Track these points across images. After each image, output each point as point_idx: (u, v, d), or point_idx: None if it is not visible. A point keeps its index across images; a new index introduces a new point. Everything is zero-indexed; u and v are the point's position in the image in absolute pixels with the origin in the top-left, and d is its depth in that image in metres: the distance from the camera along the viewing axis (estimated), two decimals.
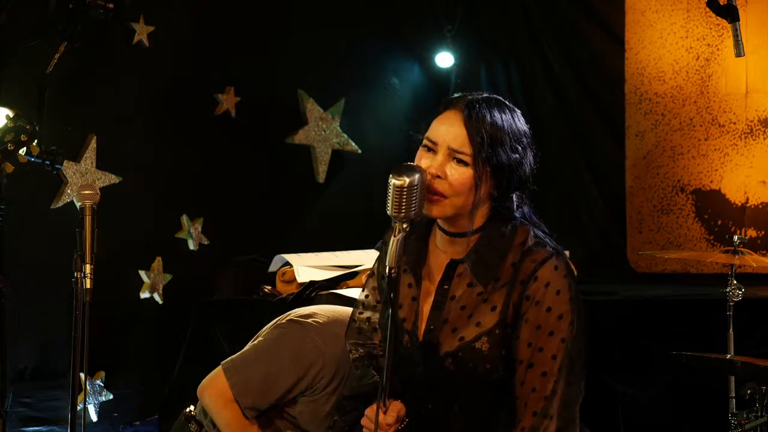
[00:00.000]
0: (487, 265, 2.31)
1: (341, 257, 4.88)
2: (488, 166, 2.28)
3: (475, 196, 2.28)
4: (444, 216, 2.34)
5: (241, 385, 3.11)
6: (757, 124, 5.53)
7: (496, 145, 2.28)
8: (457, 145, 2.29)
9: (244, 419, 3.13)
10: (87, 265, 2.76)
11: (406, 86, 6.21)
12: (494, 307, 2.29)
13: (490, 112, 2.31)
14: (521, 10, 6.20)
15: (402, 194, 2.24)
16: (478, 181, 2.27)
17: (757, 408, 3.73)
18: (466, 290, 2.33)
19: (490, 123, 2.29)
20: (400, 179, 2.24)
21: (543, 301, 2.26)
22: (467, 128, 2.28)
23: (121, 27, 4.81)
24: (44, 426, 4.65)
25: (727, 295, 3.94)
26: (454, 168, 2.29)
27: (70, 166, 4.68)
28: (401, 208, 2.25)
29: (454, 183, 2.28)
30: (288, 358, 3.12)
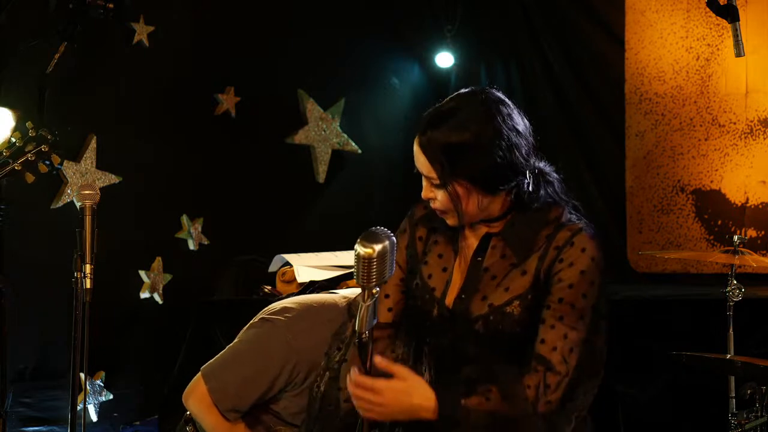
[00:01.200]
0: (521, 238, 2.32)
1: (341, 257, 4.88)
2: (460, 180, 2.28)
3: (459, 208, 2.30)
4: (460, 224, 2.36)
5: (218, 390, 3.13)
6: (757, 124, 5.53)
7: (459, 159, 2.26)
8: (426, 171, 2.32)
9: (226, 422, 3.15)
10: (87, 265, 2.76)
11: (406, 86, 6.21)
12: (525, 272, 2.31)
13: (444, 127, 2.29)
14: (521, 10, 6.20)
15: (372, 264, 2.09)
16: (455, 198, 2.29)
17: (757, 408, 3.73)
18: (499, 261, 2.34)
19: (444, 142, 2.27)
20: (366, 249, 2.10)
21: (577, 264, 2.28)
22: (426, 155, 2.30)
23: (121, 27, 4.82)
24: (44, 426, 4.65)
25: (727, 295, 3.94)
26: (438, 192, 2.32)
27: (70, 166, 4.68)
28: (372, 278, 2.10)
29: (442, 201, 2.32)
30: (262, 358, 3.13)
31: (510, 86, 6.32)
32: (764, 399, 3.70)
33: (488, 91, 2.38)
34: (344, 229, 5.68)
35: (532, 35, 6.19)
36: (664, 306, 4.74)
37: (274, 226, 5.46)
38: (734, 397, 3.96)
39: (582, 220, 2.37)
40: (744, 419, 3.78)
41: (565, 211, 2.37)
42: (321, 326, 3.12)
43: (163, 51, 4.99)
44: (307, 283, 4.52)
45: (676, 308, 4.71)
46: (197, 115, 5.22)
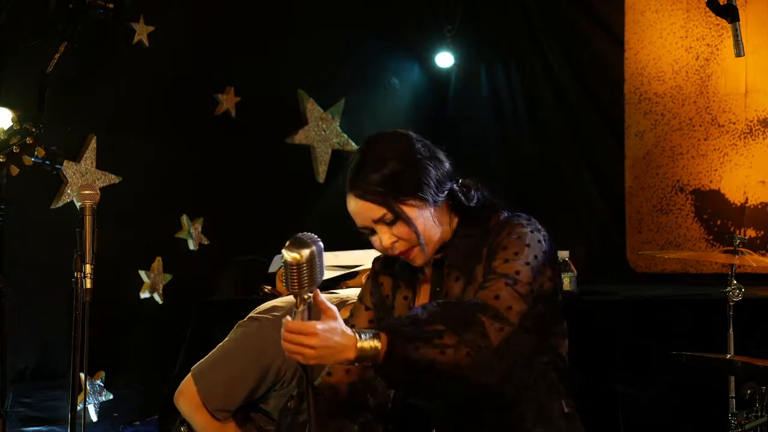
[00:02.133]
0: (466, 255, 2.37)
1: (341, 257, 4.87)
2: (408, 200, 2.34)
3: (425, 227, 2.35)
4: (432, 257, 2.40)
5: (207, 390, 3.14)
6: (757, 124, 5.53)
7: (393, 184, 2.34)
8: (374, 215, 2.37)
9: (216, 422, 3.16)
10: (87, 265, 2.76)
11: (406, 86, 6.21)
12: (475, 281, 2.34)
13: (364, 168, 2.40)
14: (521, 10, 6.20)
15: (302, 270, 2.11)
16: (410, 220, 2.33)
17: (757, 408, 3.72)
18: (455, 285, 2.38)
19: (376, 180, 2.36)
20: (293, 255, 2.13)
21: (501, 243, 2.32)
22: (363, 198, 2.37)
23: (121, 27, 4.82)
24: (44, 426, 4.65)
25: (727, 295, 3.94)
26: (393, 229, 2.36)
27: (70, 166, 4.68)
28: (303, 283, 2.12)
29: (405, 236, 2.36)
30: (248, 357, 3.14)
31: (510, 86, 6.33)
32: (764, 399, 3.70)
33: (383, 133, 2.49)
34: (344, 229, 5.70)
35: (532, 35, 6.20)
36: (664, 306, 4.74)
37: (274, 226, 5.44)
38: (734, 397, 3.96)
39: (518, 214, 2.41)
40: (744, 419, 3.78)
41: (502, 214, 2.41)
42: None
43: (163, 51, 4.99)
44: None
45: (676, 308, 4.71)
46: (197, 115, 5.22)
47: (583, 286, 4.86)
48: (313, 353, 2.14)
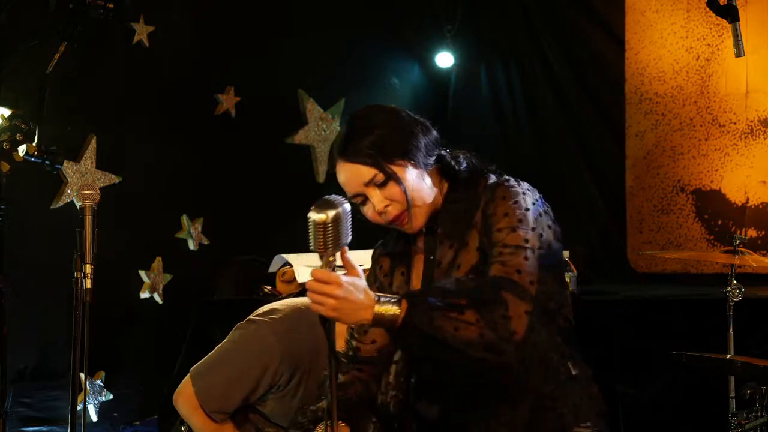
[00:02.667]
0: (457, 220, 2.38)
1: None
2: (397, 160, 2.36)
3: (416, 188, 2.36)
4: (425, 222, 2.41)
5: (204, 392, 3.14)
6: (757, 124, 5.52)
7: (380, 144, 2.36)
8: (364, 177, 2.37)
9: (213, 423, 3.16)
10: (87, 265, 2.76)
11: (406, 86, 6.21)
12: (470, 245, 2.35)
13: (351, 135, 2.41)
14: (521, 10, 6.20)
15: (326, 231, 2.16)
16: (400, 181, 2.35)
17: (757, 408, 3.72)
18: (447, 252, 2.39)
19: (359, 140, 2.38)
20: (319, 215, 2.18)
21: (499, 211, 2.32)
22: (353, 160, 2.38)
23: (121, 27, 4.82)
24: (44, 426, 4.65)
25: (727, 295, 3.94)
26: (384, 191, 2.37)
27: (70, 166, 4.68)
28: (327, 245, 2.16)
29: (398, 197, 2.37)
30: (245, 359, 3.13)
31: (510, 86, 6.33)
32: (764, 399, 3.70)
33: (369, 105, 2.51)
34: None
35: (532, 35, 6.20)
36: (664, 306, 4.74)
37: (274, 226, 5.45)
38: (734, 397, 3.96)
39: (506, 177, 2.42)
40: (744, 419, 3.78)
41: (489, 178, 2.42)
42: (305, 328, 3.13)
43: (163, 51, 4.99)
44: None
45: (676, 308, 4.71)
46: (197, 115, 5.22)
47: (584, 286, 4.86)
48: (334, 304, 2.16)
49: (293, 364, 3.10)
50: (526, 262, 2.25)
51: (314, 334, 3.15)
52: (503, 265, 2.25)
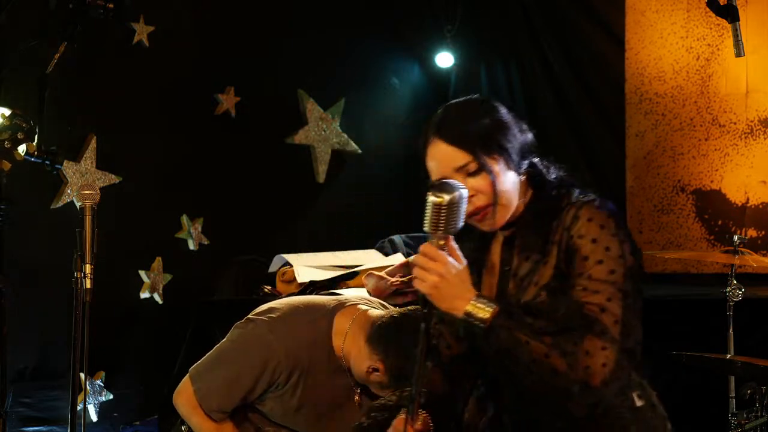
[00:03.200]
0: (538, 233, 2.33)
1: (341, 257, 4.88)
2: (493, 155, 2.31)
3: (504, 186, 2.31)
4: (503, 223, 2.36)
5: (203, 391, 3.14)
6: (758, 124, 5.53)
7: (484, 135, 2.32)
8: (458, 161, 2.32)
9: (212, 423, 3.17)
10: (87, 265, 2.76)
11: (406, 86, 6.21)
12: (546, 263, 2.31)
13: (457, 116, 2.37)
14: (521, 10, 6.20)
15: (440, 212, 2.20)
16: (493, 175, 2.30)
17: (757, 408, 3.73)
18: (524, 264, 2.35)
19: (464, 124, 2.34)
20: (439, 197, 2.21)
21: (587, 235, 2.27)
22: (452, 143, 2.32)
23: (121, 27, 4.81)
24: (44, 426, 4.65)
25: (727, 295, 3.95)
26: (472, 181, 2.31)
27: (70, 166, 4.68)
28: (438, 226, 2.20)
29: (485, 190, 2.31)
30: (244, 358, 3.14)
31: (510, 86, 6.33)
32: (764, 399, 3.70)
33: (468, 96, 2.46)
34: (344, 229, 5.73)
35: (532, 35, 6.19)
36: (664, 306, 4.74)
37: (274, 226, 5.46)
38: (734, 397, 3.97)
39: (589, 194, 2.37)
40: (744, 419, 3.79)
41: (573, 194, 2.37)
42: (303, 327, 3.14)
43: (163, 51, 4.99)
44: (307, 283, 4.52)
45: (676, 308, 4.71)
46: (197, 115, 5.22)
47: None
48: (436, 281, 2.19)
49: (292, 363, 3.11)
50: (610, 302, 2.21)
51: (313, 332, 3.15)
52: (587, 300, 2.22)
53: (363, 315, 3.17)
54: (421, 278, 2.21)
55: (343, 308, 3.22)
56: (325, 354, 3.15)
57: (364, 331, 3.11)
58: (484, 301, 2.21)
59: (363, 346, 3.09)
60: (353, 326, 3.15)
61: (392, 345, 3.04)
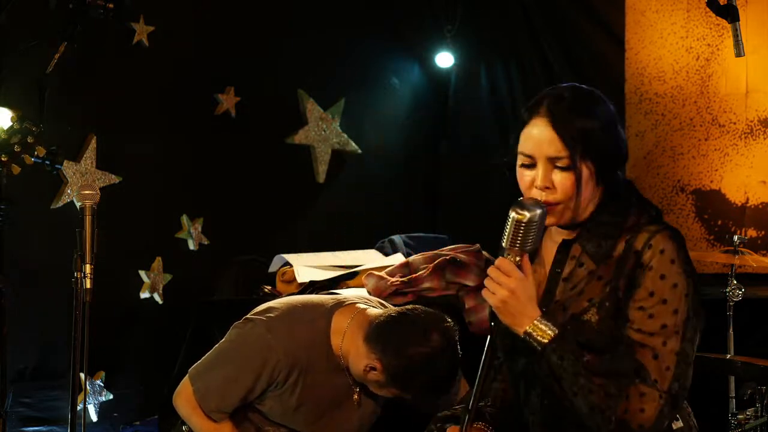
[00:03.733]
0: (600, 243, 2.31)
1: (341, 257, 4.88)
2: (588, 160, 2.28)
3: (580, 194, 2.28)
4: (561, 222, 2.34)
5: (202, 391, 3.16)
6: (757, 124, 5.52)
7: (589, 137, 2.28)
8: (554, 152, 2.27)
9: (212, 423, 3.18)
10: (87, 265, 2.76)
11: (406, 86, 6.21)
12: (600, 277, 2.28)
13: (573, 105, 2.32)
14: (521, 10, 6.20)
15: (520, 229, 2.22)
16: (580, 180, 2.27)
17: (757, 408, 3.73)
18: (578, 270, 2.33)
19: (579, 119, 2.29)
20: (521, 214, 2.22)
21: (657, 268, 2.23)
22: (557, 132, 2.28)
23: (121, 27, 4.81)
24: (44, 426, 4.65)
25: (727, 295, 3.95)
26: (558, 174, 2.28)
27: (70, 166, 4.68)
28: (516, 242, 2.23)
29: (563, 189, 2.28)
30: (243, 358, 3.15)
31: (510, 86, 6.32)
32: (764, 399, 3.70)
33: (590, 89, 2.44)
34: (344, 229, 5.73)
35: (532, 35, 6.19)
36: None
37: (274, 226, 5.46)
38: (734, 397, 3.96)
39: (662, 223, 2.33)
40: (744, 419, 3.78)
41: (643, 215, 2.34)
42: (301, 326, 3.16)
43: (163, 51, 4.99)
44: (307, 283, 4.52)
45: None
46: (197, 115, 5.22)
47: None
48: (506, 295, 2.22)
49: (290, 362, 3.11)
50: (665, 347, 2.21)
51: (312, 331, 3.16)
52: (643, 341, 2.21)
53: (361, 314, 3.17)
54: (492, 290, 2.24)
55: (342, 307, 3.22)
56: (323, 353, 3.16)
57: (362, 330, 3.11)
58: (546, 324, 2.23)
59: (361, 345, 3.10)
60: (351, 325, 3.15)
61: (390, 344, 3.04)
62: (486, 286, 2.25)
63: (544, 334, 2.22)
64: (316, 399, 3.18)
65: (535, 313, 2.23)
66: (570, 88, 2.38)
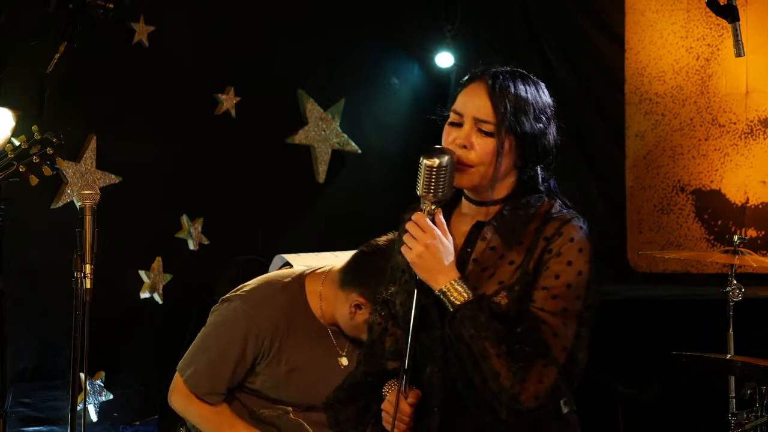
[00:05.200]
0: (512, 228, 2.36)
1: (341, 257, 4.86)
2: (512, 135, 2.35)
3: (497, 165, 2.34)
4: (472, 185, 2.39)
5: (192, 378, 3.19)
6: (757, 124, 5.52)
7: (520, 114, 2.35)
8: (482, 115, 2.35)
9: (209, 407, 3.22)
10: (87, 265, 2.77)
11: (406, 86, 6.21)
12: (512, 262, 2.34)
13: (514, 82, 2.38)
14: (521, 10, 6.20)
15: (432, 175, 2.28)
16: (501, 149, 2.34)
17: (757, 408, 3.73)
18: (488, 253, 2.37)
19: (514, 93, 2.36)
20: (431, 160, 2.28)
21: (564, 254, 2.31)
22: (491, 98, 2.35)
23: (121, 27, 4.82)
24: (44, 426, 4.65)
25: (727, 295, 3.95)
26: (480, 137, 2.35)
27: (70, 166, 4.68)
28: (430, 188, 2.29)
29: (480, 153, 2.34)
30: (225, 335, 3.19)
31: None
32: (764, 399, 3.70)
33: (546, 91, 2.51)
34: (344, 229, 5.72)
35: (532, 35, 6.19)
36: (664, 306, 4.74)
37: (274, 226, 5.46)
38: (734, 397, 3.97)
39: (572, 212, 2.40)
40: (744, 419, 3.79)
41: (556, 203, 2.42)
42: (276, 293, 3.22)
43: (163, 51, 4.99)
44: None
45: (676, 308, 4.72)
46: (197, 115, 5.22)
47: None
48: (422, 251, 2.28)
49: (272, 328, 3.16)
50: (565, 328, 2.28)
51: (287, 295, 3.23)
52: (545, 319, 2.27)
53: (331, 272, 3.27)
54: (410, 246, 2.29)
55: (311, 272, 3.32)
56: (303, 315, 3.21)
57: (335, 283, 3.20)
58: (463, 286, 2.27)
59: (340, 294, 3.17)
60: (325, 283, 3.24)
61: (363, 274, 3.13)
62: (404, 242, 2.31)
63: (459, 296, 2.26)
64: (304, 363, 3.22)
65: (452, 274, 2.28)
66: (521, 72, 2.45)
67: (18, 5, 4.43)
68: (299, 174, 5.67)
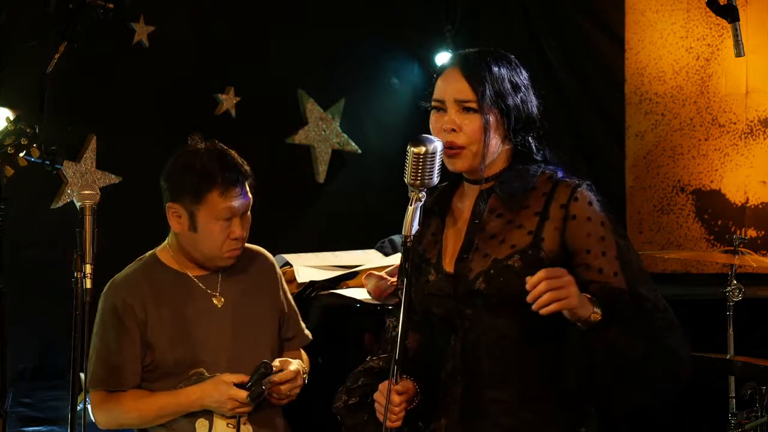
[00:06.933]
0: (514, 193, 2.43)
1: (341, 257, 4.88)
2: (495, 108, 2.42)
3: (486, 140, 2.41)
4: (468, 167, 2.45)
5: (95, 379, 3.25)
6: (757, 124, 5.53)
7: (497, 85, 2.42)
8: (462, 95, 2.42)
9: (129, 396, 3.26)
10: (87, 265, 2.77)
11: (406, 86, 6.21)
12: (521, 226, 2.40)
13: (485, 60, 2.46)
14: (521, 10, 6.20)
15: (419, 162, 2.33)
16: (487, 124, 2.40)
17: (757, 408, 3.73)
18: (496, 221, 2.43)
19: (487, 68, 2.44)
20: (418, 147, 2.34)
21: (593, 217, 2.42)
22: (467, 78, 2.43)
23: (121, 27, 4.82)
24: (44, 426, 4.65)
25: (727, 295, 3.95)
26: (465, 118, 2.42)
27: (70, 166, 4.68)
28: (417, 176, 2.33)
29: (468, 132, 2.42)
30: (103, 324, 3.24)
31: None
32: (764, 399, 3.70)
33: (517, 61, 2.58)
34: (344, 229, 5.73)
35: (532, 35, 6.19)
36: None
37: (274, 226, 5.45)
38: (734, 397, 3.97)
39: (575, 176, 2.49)
40: (744, 419, 3.79)
41: (557, 170, 2.49)
42: (131, 267, 3.36)
43: (163, 51, 4.99)
44: (306, 283, 4.52)
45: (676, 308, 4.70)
46: (197, 115, 5.21)
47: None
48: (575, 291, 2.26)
49: (134, 295, 3.22)
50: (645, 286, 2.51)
51: (142, 265, 3.35)
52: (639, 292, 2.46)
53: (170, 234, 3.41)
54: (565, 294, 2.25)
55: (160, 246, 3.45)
56: (160, 272, 3.32)
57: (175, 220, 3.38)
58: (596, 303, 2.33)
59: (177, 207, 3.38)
60: (170, 239, 3.43)
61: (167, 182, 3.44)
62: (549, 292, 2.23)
63: (597, 314, 2.31)
64: (185, 314, 3.26)
65: (591, 304, 2.32)
66: (488, 50, 2.53)
67: (18, 5, 4.43)
68: (299, 174, 5.67)
